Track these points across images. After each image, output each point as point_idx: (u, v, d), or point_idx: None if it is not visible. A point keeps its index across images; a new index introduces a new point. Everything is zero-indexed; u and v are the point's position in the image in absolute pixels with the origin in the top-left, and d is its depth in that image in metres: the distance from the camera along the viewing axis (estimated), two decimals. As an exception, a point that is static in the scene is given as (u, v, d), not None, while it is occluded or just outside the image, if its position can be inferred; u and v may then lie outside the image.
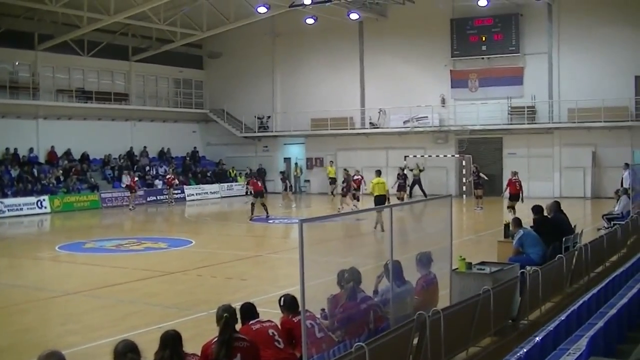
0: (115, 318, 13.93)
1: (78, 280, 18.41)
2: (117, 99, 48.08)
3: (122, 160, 47.52)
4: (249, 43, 51.60)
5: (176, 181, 44.59)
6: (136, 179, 42.04)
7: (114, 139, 47.36)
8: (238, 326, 7.91)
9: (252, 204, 33.18)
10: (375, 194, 26.55)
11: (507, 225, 16.78)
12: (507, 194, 31.85)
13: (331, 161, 47.92)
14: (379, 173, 28.27)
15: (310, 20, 45.70)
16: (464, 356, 10.22)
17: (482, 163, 43.56)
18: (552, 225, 15.78)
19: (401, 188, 37.51)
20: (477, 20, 43.96)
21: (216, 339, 7.51)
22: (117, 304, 15.38)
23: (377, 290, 10.08)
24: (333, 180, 44.94)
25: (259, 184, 34.56)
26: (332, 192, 43.67)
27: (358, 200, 34.13)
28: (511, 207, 29.33)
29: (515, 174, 31.48)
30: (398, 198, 35.96)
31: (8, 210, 36.87)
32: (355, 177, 35.31)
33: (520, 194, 30.55)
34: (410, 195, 41.10)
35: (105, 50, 46.90)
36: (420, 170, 42.06)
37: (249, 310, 8.51)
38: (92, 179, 43.66)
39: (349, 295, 9.37)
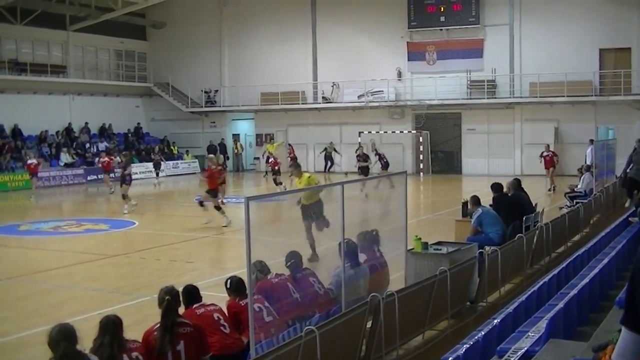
0: (52, 304, 13.78)
1: (11, 265, 18.17)
2: (53, 72, 47.32)
3: (60, 137, 46.91)
4: (195, 12, 51.26)
5: (115, 162, 40.01)
6: (113, 158, 39.48)
7: (50, 114, 46.64)
8: (181, 310, 7.87)
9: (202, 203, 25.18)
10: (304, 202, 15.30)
11: (465, 204, 16.89)
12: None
13: (271, 138, 47.86)
14: (297, 167, 18.23)
15: (259, -12, 45.48)
16: (420, 340, 10.30)
17: (441, 139, 43.94)
18: (512, 203, 15.93)
19: (386, 167, 36.87)
20: (435, -10, 44.08)
21: (158, 325, 7.46)
22: (54, 289, 15.22)
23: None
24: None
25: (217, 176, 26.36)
26: (267, 172, 43.25)
27: (281, 184, 33.73)
28: None
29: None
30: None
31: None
32: (271, 160, 35.32)
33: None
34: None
35: (41, 18, 46.00)
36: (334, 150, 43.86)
37: (192, 293, 8.45)
38: (28, 157, 43.05)
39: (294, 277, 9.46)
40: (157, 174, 43.11)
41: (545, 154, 33.79)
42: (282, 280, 9.31)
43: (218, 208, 23.65)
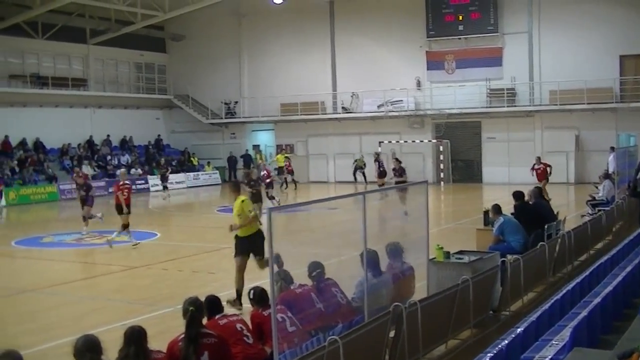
0: (75, 316, 13.84)
1: (35, 277, 18.26)
2: (75, 85, 47.63)
3: (82, 150, 47.19)
4: (214, 25, 51.41)
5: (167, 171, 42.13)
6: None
7: (72, 127, 46.94)
8: (204, 321, 7.89)
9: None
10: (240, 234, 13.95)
11: (486, 213, 16.84)
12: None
13: (284, 149, 47.95)
14: (236, 186, 15.42)
15: (277, 0, 45.55)
16: (443, 349, 10.27)
17: (461, 148, 43.83)
18: (533, 212, 15.85)
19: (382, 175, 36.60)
20: (453, -1, 44.07)
21: (183, 335, 7.48)
22: (77, 301, 15.29)
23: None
24: (281, 170, 44.40)
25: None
26: (283, 183, 43.35)
27: (273, 198, 30.49)
28: None
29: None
30: (379, 185, 35.11)
31: (-41, 204, 36.55)
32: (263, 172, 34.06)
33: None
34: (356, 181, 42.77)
35: (61, 32, 46.35)
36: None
37: (214, 304, 8.48)
38: (50, 170, 43.34)
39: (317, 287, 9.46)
40: (165, 187, 41.42)
41: (537, 166, 31.96)
42: (305, 290, 9.31)
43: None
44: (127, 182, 23.82)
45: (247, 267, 13.75)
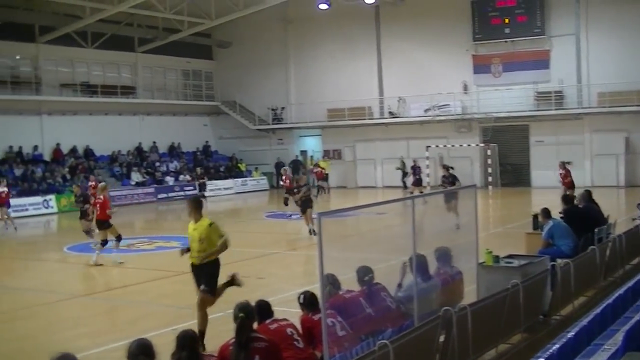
0: (127, 320, 14.00)
1: (87, 282, 18.51)
2: (123, 93, 48.21)
3: (131, 157, 47.68)
4: (260, 31, 51.60)
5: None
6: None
7: (121, 135, 47.53)
8: (254, 325, 7.93)
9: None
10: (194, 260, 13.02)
11: (535, 217, 16.73)
12: None
13: (325, 156, 48.06)
14: (198, 204, 13.32)
15: (323, 6, 45.67)
16: (493, 353, 10.21)
17: (509, 152, 43.51)
18: (583, 215, 15.72)
19: (417, 183, 35.59)
20: (499, 2, 43.79)
21: (233, 340, 7.53)
22: (128, 305, 15.45)
23: (401, 283, 10.12)
24: (325, 177, 44.69)
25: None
26: (325, 190, 43.50)
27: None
28: None
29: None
30: (411, 193, 34.14)
31: (13, 211, 36.96)
32: (284, 178, 34.56)
33: None
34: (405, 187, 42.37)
35: (110, 41, 46.98)
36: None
37: (264, 309, 8.54)
38: (100, 177, 43.77)
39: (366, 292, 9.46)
40: (203, 196, 40.00)
41: (561, 171, 31.01)
42: (354, 295, 9.33)
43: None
44: (100, 197, 21.90)
45: (297, 276, 13.72)
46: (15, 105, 42.09)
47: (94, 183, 30.42)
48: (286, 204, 32.21)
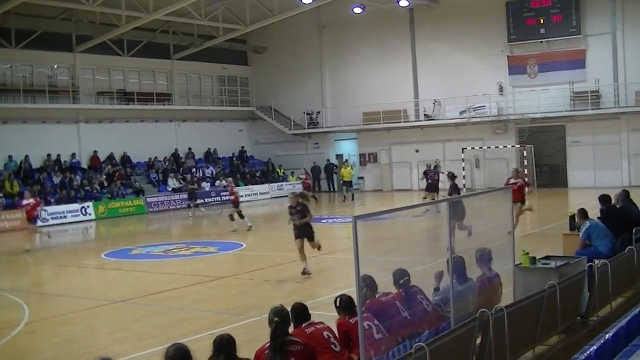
0: (165, 325, 14.09)
1: (125, 288, 18.64)
2: (159, 100, 48.56)
3: (167, 163, 47.98)
4: (295, 36, 51.80)
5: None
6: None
7: (158, 141, 47.89)
8: (291, 328, 7.95)
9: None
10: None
11: (572, 217, 16.62)
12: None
13: (346, 160, 48.02)
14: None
15: (357, 10, 45.79)
16: (530, 355, 10.15)
17: (545, 153, 43.23)
18: (621, 215, 15.57)
19: (432, 188, 34.43)
20: (534, 2, 43.54)
21: (269, 344, 7.56)
22: (166, 311, 15.55)
23: (439, 287, 10.09)
24: (349, 183, 44.35)
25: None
26: (350, 197, 43.21)
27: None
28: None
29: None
30: (424, 199, 33.61)
31: (52, 218, 37.44)
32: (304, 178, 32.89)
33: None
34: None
35: (146, 49, 47.44)
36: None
37: (301, 312, 8.49)
38: (137, 183, 44.15)
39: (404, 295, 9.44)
40: (189, 205, 41.29)
41: (513, 181, 24.83)
42: (390, 298, 9.32)
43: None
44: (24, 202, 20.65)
45: (333, 279, 13.68)
46: (53, 113, 42.57)
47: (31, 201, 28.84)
48: (232, 219, 30.90)
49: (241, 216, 30.08)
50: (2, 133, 40.36)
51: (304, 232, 18.92)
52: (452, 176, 25.46)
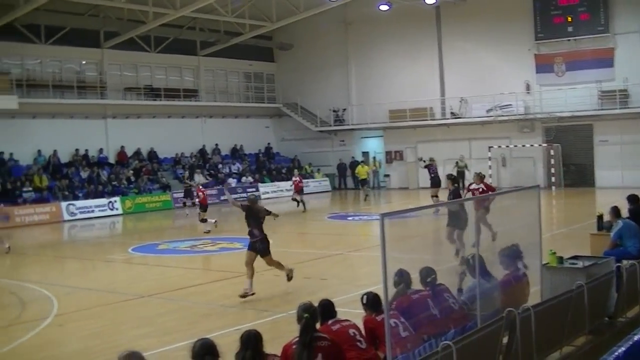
0: (191, 320, 14.13)
1: (152, 283, 18.71)
2: (186, 96, 48.77)
3: (194, 159, 48.15)
4: (321, 33, 51.79)
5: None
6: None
7: (184, 137, 48.09)
8: (317, 325, 7.94)
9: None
10: None
11: (600, 217, 16.51)
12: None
13: (363, 160, 47.95)
14: None
15: (384, 7, 45.70)
16: (557, 356, 10.09)
17: (572, 152, 42.94)
18: (649, 215, 15.45)
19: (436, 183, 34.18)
20: (561, 0, 43.22)
21: (297, 339, 7.58)
22: (192, 306, 15.60)
23: (461, 288, 10.07)
24: (364, 182, 44.42)
25: None
26: (364, 197, 42.90)
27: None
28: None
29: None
30: (431, 196, 33.60)
31: (79, 212, 37.72)
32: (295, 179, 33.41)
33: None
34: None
35: (173, 45, 47.64)
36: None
37: (327, 308, 8.49)
38: (164, 179, 44.36)
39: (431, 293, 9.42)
40: (184, 204, 40.54)
41: (474, 186, 21.97)
42: (421, 296, 9.29)
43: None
44: None
45: (359, 277, 13.66)
46: (81, 109, 42.89)
47: None
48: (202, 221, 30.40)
49: (203, 220, 29.81)
50: (32, 128, 40.68)
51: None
52: (453, 179, 22.18)
